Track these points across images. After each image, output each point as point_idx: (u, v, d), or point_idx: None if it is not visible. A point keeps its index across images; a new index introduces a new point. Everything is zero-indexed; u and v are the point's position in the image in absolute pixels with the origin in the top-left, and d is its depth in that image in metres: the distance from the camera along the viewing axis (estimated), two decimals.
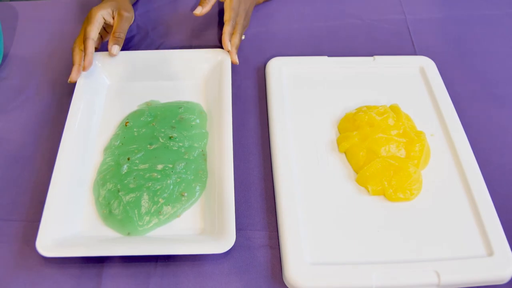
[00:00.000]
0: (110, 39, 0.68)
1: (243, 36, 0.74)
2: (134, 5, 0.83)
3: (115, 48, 0.68)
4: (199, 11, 0.71)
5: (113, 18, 0.69)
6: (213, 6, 0.72)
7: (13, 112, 0.68)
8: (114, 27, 0.69)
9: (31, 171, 0.61)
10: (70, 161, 0.58)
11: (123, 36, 0.69)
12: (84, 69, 0.66)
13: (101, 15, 0.67)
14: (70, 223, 0.55)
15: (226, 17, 0.70)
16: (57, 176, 0.56)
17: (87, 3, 0.85)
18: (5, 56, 0.76)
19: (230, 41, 0.69)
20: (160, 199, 0.56)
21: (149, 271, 0.53)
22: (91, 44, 0.66)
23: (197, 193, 0.58)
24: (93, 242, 0.53)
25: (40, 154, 0.63)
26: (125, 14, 0.69)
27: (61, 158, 0.58)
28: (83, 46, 0.66)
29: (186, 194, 0.57)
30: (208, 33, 0.80)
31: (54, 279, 0.52)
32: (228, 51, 0.70)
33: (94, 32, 0.66)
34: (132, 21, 0.71)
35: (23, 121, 0.67)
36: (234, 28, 0.70)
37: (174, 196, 0.57)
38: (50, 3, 0.86)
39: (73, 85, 0.66)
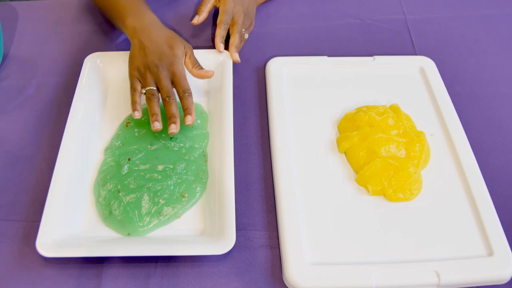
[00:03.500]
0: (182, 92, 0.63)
1: (247, 35, 0.75)
2: None
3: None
4: (196, 20, 0.73)
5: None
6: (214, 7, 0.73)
7: (13, 112, 0.68)
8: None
9: (31, 171, 0.61)
10: (70, 161, 0.58)
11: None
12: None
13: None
14: (70, 223, 0.55)
15: (219, 20, 0.72)
16: (57, 176, 0.56)
17: (87, 3, 0.85)
18: (5, 56, 0.76)
19: (222, 43, 0.71)
20: (160, 200, 0.56)
21: (149, 271, 0.53)
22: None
23: (197, 194, 0.58)
24: (93, 242, 0.53)
25: (40, 154, 0.63)
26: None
27: (62, 158, 0.58)
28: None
29: (186, 195, 0.57)
30: (208, 33, 0.80)
31: (54, 279, 0.52)
32: (221, 52, 0.71)
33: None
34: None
35: (23, 121, 0.67)
36: (226, 30, 0.72)
37: (175, 197, 0.57)
38: (50, 3, 0.86)
39: (73, 85, 0.67)
